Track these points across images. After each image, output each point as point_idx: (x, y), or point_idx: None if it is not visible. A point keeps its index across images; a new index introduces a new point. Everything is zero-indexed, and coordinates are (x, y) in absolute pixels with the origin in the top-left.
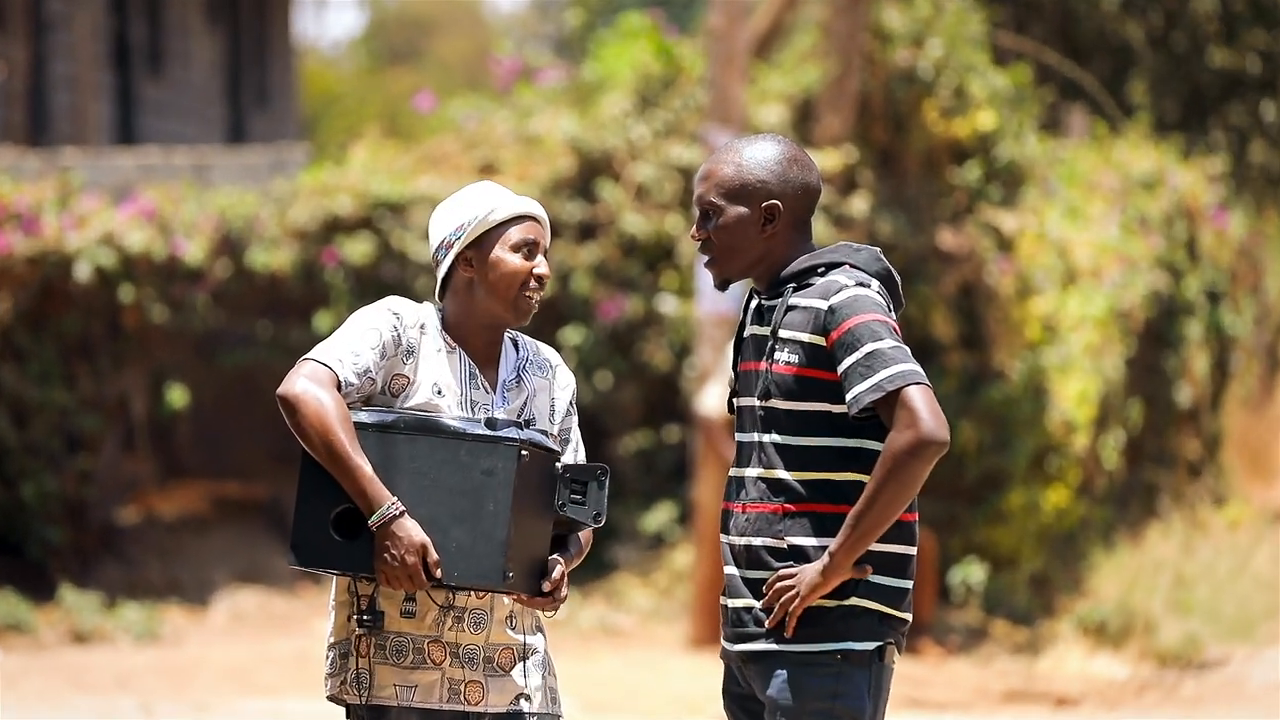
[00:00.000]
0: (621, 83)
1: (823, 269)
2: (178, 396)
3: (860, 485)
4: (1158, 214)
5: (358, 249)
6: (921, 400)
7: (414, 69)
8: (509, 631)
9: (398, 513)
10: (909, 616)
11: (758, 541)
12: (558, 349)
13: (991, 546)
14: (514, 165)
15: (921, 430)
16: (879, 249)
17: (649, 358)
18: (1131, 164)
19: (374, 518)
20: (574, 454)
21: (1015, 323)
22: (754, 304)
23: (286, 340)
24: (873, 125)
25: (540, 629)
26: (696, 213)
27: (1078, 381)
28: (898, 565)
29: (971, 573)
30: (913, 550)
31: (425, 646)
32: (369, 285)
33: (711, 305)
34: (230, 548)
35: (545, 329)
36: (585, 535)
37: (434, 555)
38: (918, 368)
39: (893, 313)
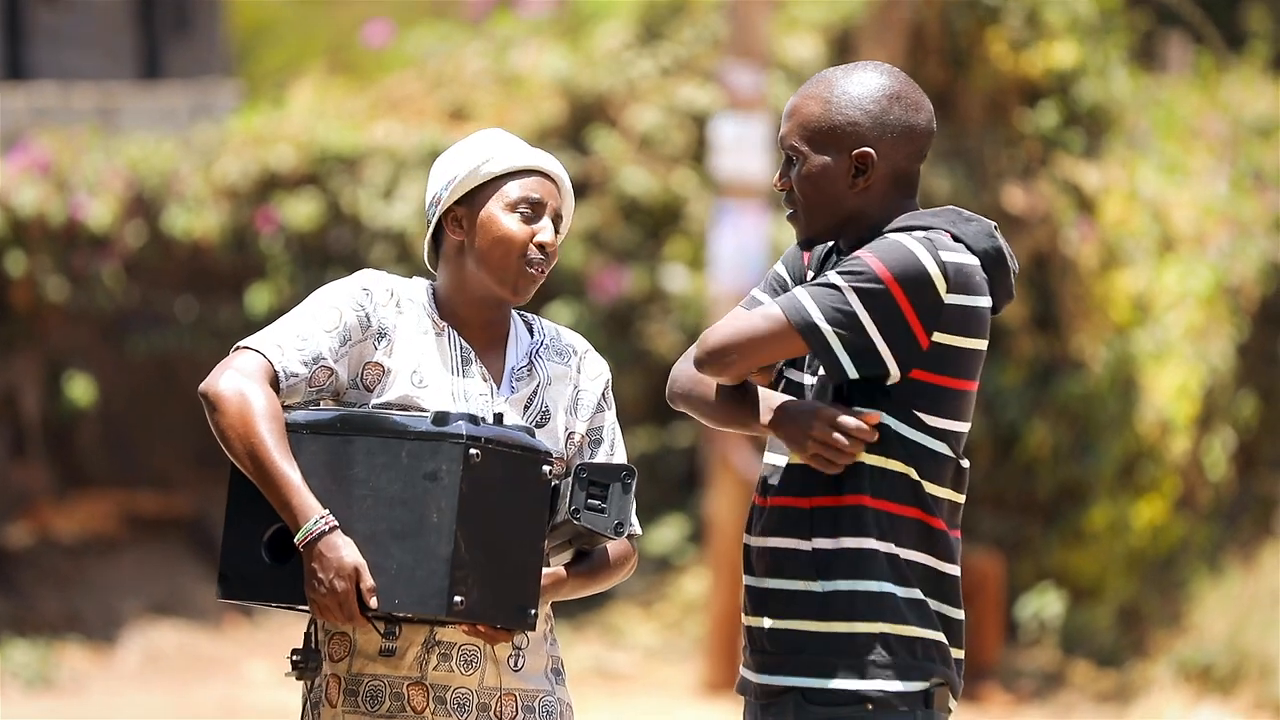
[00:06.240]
0: (620, 10)
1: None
2: (80, 391)
3: (908, 479)
4: (1276, 167)
5: (301, 211)
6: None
7: None
8: (513, 674)
9: (326, 528)
10: (961, 654)
11: (776, 542)
12: None
13: (1071, 573)
14: (490, 110)
15: (700, 350)
16: (994, 223)
17: (653, 342)
18: (1244, 106)
19: (299, 534)
20: (608, 457)
21: (1099, 300)
22: (829, 257)
23: (213, 321)
24: (926, 61)
25: (558, 672)
26: (781, 156)
27: (1176, 372)
28: (936, 583)
29: (1046, 604)
30: (954, 570)
31: (405, 691)
32: (314, 255)
33: (729, 279)
34: (144, 574)
35: (528, 306)
36: (619, 550)
37: (368, 580)
38: (822, 309)
39: (945, 291)
